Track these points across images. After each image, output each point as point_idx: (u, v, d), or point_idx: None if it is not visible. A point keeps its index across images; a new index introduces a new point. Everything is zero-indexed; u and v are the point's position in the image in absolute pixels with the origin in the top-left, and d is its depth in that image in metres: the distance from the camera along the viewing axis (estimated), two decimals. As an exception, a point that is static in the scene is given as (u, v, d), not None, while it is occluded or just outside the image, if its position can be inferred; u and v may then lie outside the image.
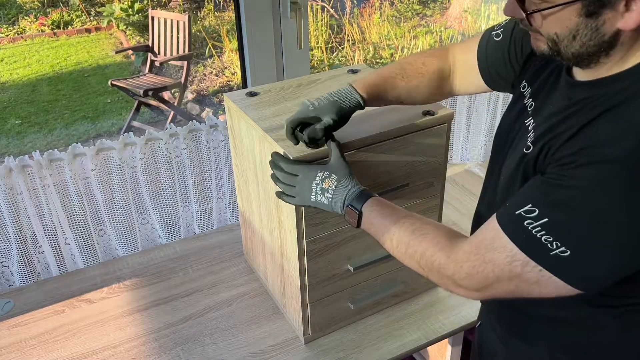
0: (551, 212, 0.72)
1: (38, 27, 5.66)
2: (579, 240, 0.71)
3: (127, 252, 1.69)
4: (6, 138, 4.28)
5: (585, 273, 0.72)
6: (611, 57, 0.73)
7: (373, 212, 0.93)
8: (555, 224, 0.72)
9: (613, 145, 0.68)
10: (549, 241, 0.72)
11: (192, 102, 4.77)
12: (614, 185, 0.68)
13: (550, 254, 0.72)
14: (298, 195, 1.00)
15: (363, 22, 5.07)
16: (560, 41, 0.73)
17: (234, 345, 1.32)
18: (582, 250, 0.71)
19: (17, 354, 1.32)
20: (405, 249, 0.89)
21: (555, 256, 0.72)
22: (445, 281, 0.85)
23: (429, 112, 1.18)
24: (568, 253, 0.71)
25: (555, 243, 0.71)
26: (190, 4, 5.83)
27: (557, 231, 0.71)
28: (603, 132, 0.71)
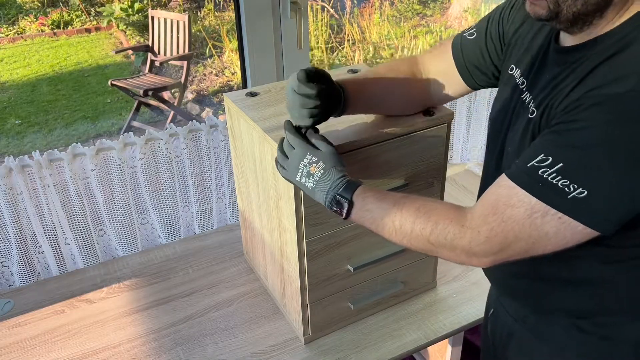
0: (565, 156, 0.74)
1: (38, 27, 5.66)
2: (594, 179, 0.73)
3: (127, 252, 1.69)
4: (6, 138, 4.28)
5: (603, 211, 0.74)
6: (603, 18, 0.77)
7: (368, 198, 0.92)
8: (570, 166, 0.74)
9: (617, 85, 0.72)
10: (566, 185, 0.74)
11: (192, 102, 4.77)
12: (623, 120, 0.71)
13: (568, 197, 0.74)
14: (288, 168, 0.99)
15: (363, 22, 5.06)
16: (563, 1, 0.77)
17: (234, 346, 1.32)
18: (599, 188, 0.73)
19: (17, 354, 1.32)
20: (412, 227, 0.88)
21: (573, 199, 0.73)
22: (458, 253, 0.85)
23: (429, 112, 1.18)
24: (585, 193, 0.73)
25: (572, 185, 0.73)
26: (190, 4, 5.82)
27: (573, 173, 0.73)
28: (605, 76, 0.75)
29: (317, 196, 0.96)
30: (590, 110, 0.73)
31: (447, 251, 0.86)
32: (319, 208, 1.13)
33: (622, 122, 0.71)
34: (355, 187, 0.94)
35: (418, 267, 1.38)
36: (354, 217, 0.94)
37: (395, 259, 1.32)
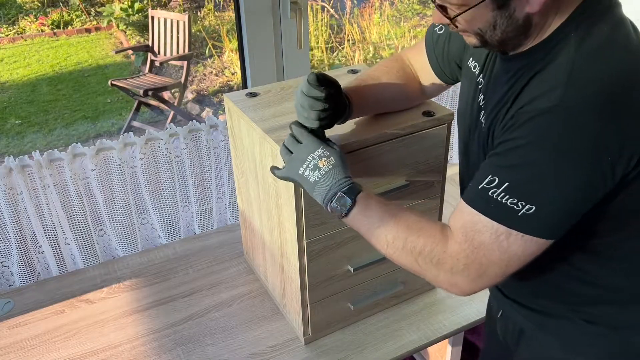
0: (508, 175, 0.78)
1: (38, 27, 5.66)
2: (538, 193, 0.77)
3: (127, 252, 1.69)
4: (6, 138, 4.28)
5: (553, 221, 0.79)
6: (530, 37, 0.82)
7: (370, 205, 0.93)
8: (514, 184, 0.78)
9: (545, 98, 0.76)
10: (514, 203, 0.77)
11: (192, 102, 4.77)
12: (553, 132, 0.75)
13: (519, 214, 0.77)
14: (289, 164, 0.99)
15: (363, 22, 5.06)
16: (484, 33, 0.82)
17: (234, 346, 1.32)
18: (544, 201, 0.77)
19: (17, 354, 1.32)
20: (403, 244, 0.89)
21: (524, 216, 0.77)
22: (442, 277, 0.86)
23: (429, 113, 1.18)
24: (533, 209, 0.77)
25: (520, 203, 0.77)
26: (190, 3, 5.82)
27: (518, 191, 0.77)
28: (535, 90, 0.79)
29: (318, 190, 0.95)
30: (524, 127, 0.78)
31: (431, 275, 0.88)
32: (320, 209, 1.13)
33: (552, 136, 0.75)
34: (359, 191, 0.94)
35: (418, 268, 1.38)
36: (351, 218, 0.94)
37: (396, 259, 1.32)
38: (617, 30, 0.78)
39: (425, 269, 0.87)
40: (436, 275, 0.87)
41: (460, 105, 1.04)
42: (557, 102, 0.75)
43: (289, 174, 0.99)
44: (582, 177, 0.75)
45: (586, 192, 0.77)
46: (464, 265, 0.83)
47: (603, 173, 0.75)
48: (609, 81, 0.74)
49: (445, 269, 0.85)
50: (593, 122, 0.73)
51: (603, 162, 0.74)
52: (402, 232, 0.89)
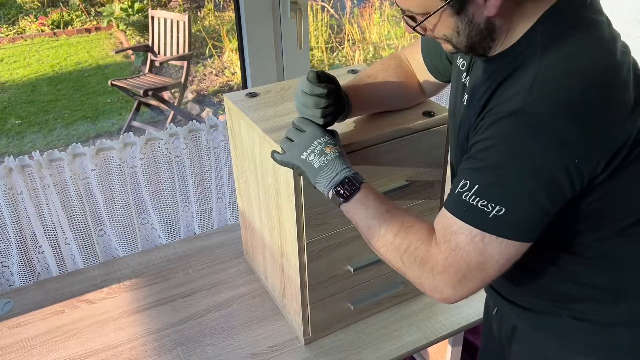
0: (478, 178, 0.79)
1: (38, 27, 5.66)
2: (506, 195, 0.77)
3: (127, 252, 1.69)
4: (6, 138, 4.28)
5: (523, 223, 0.79)
6: (497, 40, 0.83)
7: (370, 195, 0.93)
8: (483, 186, 0.78)
9: (510, 102, 0.78)
10: (484, 205, 0.78)
11: (192, 102, 4.77)
12: (515, 134, 0.76)
13: (489, 217, 0.78)
14: (289, 150, 0.99)
15: (363, 22, 5.06)
16: (450, 39, 0.84)
17: (234, 346, 1.32)
18: (512, 202, 0.77)
19: (17, 354, 1.32)
20: (392, 239, 0.89)
21: (494, 217, 0.78)
22: (424, 279, 0.86)
23: (429, 113, 1.18)
24: (503, 210, 0.77)
25: (490, 205, 0.78)
26: (190, 3, 5.82)
27: (487, 193, 0.78)
28: (502, 95, 0.81)
29: (323, 175, 0.95)
30: (490, 129, 0.79)
31: (414, 275, 0.88)
32: (320, 209, 1.13)
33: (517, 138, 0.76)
34: (363, 180, 0.95)
35: (418, 268, 1.38)
36: (351, 204, 0.93)
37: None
38: (587, 32, 0.78)
39: (409, 268, 0.88)
40: (419, 275, 0.87)
41: (450, 103, 1.05)
42: (520, 105, 0.76)
43: (290, 159, 0.99)
44: (545, 179, 0.75)
45: (552, 193, 0.77)
46: (443, 267, 0.83)
47: (569, 174, 0.75)
48: (573, 86, 0.75)
49: (427, 269, 0.85)
50: (554, 125, 0.74)
51: (568, 164, 0.74)
52: (394, 227, 0.89)
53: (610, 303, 0.92)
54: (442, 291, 0.85)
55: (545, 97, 0.75)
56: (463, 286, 0.83)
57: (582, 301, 0.93)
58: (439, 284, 0.85)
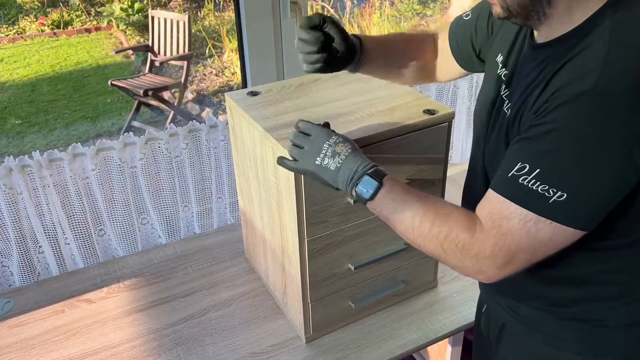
0: (539, 161, 0.77)
1: (38, 27, 5.66)
2: (570, 181, 0.75)
3: (127, 252, 1.69)
4: (6, 138, 4.28)
5: (584, 210, 0.77)
6: (553, 14, 0.79)
7: (395, 186, 0.91)
8: (546, 171, 0.76)
9: (579, 83, 0.74)
10: (545, 190, 0.76)
11: (192, 102, 4.76)
12: (584, 118, 0.73)
13: (549, 202, 0.76)
14: (302, 158, 0.96)
15: (363, 22, 5.06)
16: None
17: (234, 345, 1.32)
18: (576, 188, 0.75)
19: (17, 354, 1.32)
20: (430, 228, 0.87)
21: (555, 203, 0.75)
22: (467, 263, 0.85)
23: (429, 111, 1.18)
24: (565, 196, 0.75)
25: (552, 190, 0.75)
26: (190, 3, 5.82)
27: (550, 177, 0.76)
28: (567, 76, 0.77)
29: (342, 176, 0.93)
30: (556, 111, 0.76)
31: (456, 260, 0.86)
32: (321, 207, 1.13)
33: (586, 121, 0.73)
34: (385, 173, 0.93)
35: (419, 266, 1.38)
36: (377, 201, 0.91)
37: (397, 258, 1.32)
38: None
39: (450, 254, 0.86)
40: (461, 260, 0.85)
41: (480, 100, 1.03)
42: (590, 87, 0.73)
43: (305, 167, 0.97)
44: (613, 165, 0.73)
45: (618, 181, 0.75)
46: (491, 252, 0.82)
47: (635, 163, 0.73)
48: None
49: (471, 255, 0.83)
50: (626, 109, 0.71)
51: (635, 152, 0.72)
52: (429, 216, 0.87)
53: (608, 304, 0.91)
54: (487, 272, 0.84)
55: (616, 80, 0.72)
56: (509, 267, 0.82)
57: (578, 301, 0.92)
58: (483, 267, 0.84)
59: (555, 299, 0.94)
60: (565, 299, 0.93)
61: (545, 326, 0.97)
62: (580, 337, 0.94)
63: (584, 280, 0.90)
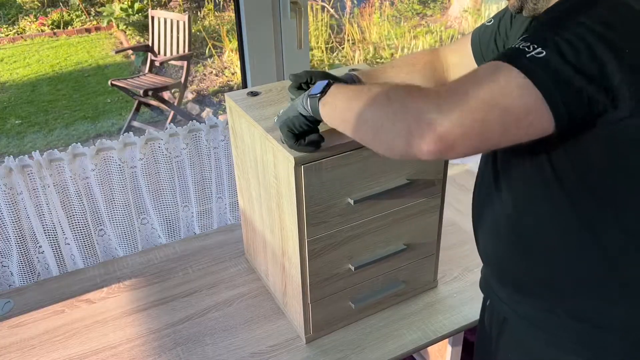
0: (532, 30, 0.78)
1: (38, 27, 5.66)
2: (553, 41, 0.72)
3: (127, 252, 1.69)
4: (6, 138, 4.28)
5: (558, 80, 0.70)
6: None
7: (344, 87, 0.92)
8: (532, 31, 0.77)
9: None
10: (526, 46, 0.73)
11: (192, 102, 4.76)
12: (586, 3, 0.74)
13: (527, 56, 0.72)
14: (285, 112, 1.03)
15: (363, 22, 5.06)
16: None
17: (234, 346, 1.32)
18: (555, 50, 0.71)
19: (17, 354, 1.32)
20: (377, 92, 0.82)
21: (532, 58, 0.71)
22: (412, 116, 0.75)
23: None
24: (544, 54, 0.71)
25: (532, 46, 0.72)
26: (190, 3, 5.82)
27: (534, 36, 0.74)
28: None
29: (297, 102, 0.98)
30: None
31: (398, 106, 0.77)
32: (321, 207, 1.13)
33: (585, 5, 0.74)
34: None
35: (419, 266, 1.38)
36: (327, 97, 0.93)
37: (397, 258, 1.32)
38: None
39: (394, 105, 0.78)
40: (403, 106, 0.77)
41: None
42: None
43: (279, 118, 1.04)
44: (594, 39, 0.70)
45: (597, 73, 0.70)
46: (436, 93, 0.75)
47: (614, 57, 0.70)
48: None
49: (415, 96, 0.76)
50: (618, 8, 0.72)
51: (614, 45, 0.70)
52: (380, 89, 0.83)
53: (611, 303, 0.90)
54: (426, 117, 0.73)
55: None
56: (454, 114, 0.72)
57: (582, 297, 0.91)
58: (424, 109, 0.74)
59: (555, 298, 0.94)
60: (564, 299, 0.93)
61: (543, 324, 0.97)
62: (578, 338, 0.93)
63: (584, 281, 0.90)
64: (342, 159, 1.10)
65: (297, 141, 1.03)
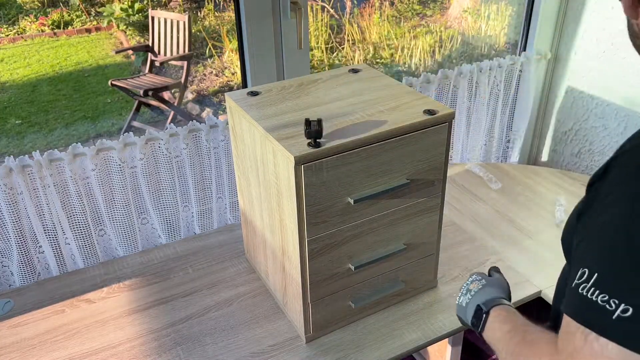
0: (594, 260, 0.60)
1: (38, 27, 5.66)
2: (631, 287, 0.57)
3: (127, 252, 1.69)
4: (6, 138, 4.28)
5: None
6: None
7: (499, 316, 0.90)
8: (602, 273, 0.59)
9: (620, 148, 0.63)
10: (606, 301, 0.58)
11: (192, 102, 4.76)
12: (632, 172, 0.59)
13: (613, 318, 0.58)
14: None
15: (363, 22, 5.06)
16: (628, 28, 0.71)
17: (234, 345, 1.32)
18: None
19: (17, 354, 1.32)
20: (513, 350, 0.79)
21: (619, 320, 0.57)
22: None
23: (430, 111, 1.18)
24: (630, 311, 0.56)
25: (613, 302, 0.57)
26: (190, 4, 5.82)
27: (607, 282, 0.58)
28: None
29: (469, 311, 0.98)
30: (612, 173, 0.59)
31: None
32: (321, 207, 1.13)
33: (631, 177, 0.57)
34: (497, 304, 0.92)
35: (419, 266, 1.38)
36: (485, 333, 0.92)
37: (397, 258, 1.32)
38: None
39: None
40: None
41: None
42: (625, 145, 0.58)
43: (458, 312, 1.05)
44: None
45: None
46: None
47: None
48: None
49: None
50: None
51: None
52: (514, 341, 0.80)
53: None
54: None
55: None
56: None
57: None
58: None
59: None
60: None
61: None
62: None
63: None
64: (342, 159, 1.10)
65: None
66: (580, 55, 2.04)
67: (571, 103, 2.12)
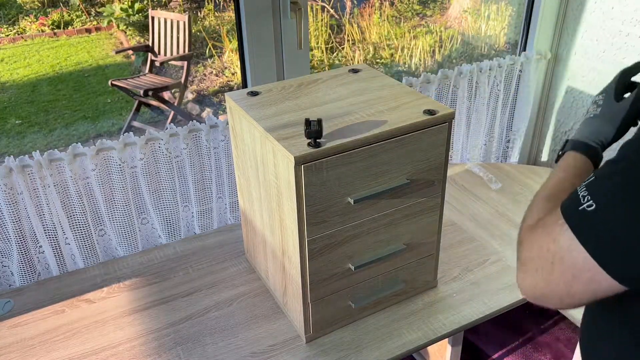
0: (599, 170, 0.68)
1: (38, 27, 5.66)
2: (605, 193, 0.64)
3: (127, 252, 1.69)
4: (6, 138, 4.28)
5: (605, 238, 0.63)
6: None
7: (562, 163, 0.91)
8: (596, 178, 0.67)
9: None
10: (584, 195, 0.66)
11: (192, 102, 4.77)
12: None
13: (578, 208, 0.65)
14: None
15: (363, 22, 5.06)
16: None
17: (234, 345, 1.32)
18: (606, 204, 0.63)
19: (17, 354, 1.32)
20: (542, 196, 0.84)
21: (583, 212, 0.65)
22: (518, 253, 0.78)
23: (429, 112, 1.18)
24: (593, 207, 0.64)
25: (586, 197, 0.65)
26: (190, 4, 5.82)
27: (591, 184, 0.66)
28: None
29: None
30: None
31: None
32: (321, 207, 1.13)
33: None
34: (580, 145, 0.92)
35: (419, 266, 1.38)
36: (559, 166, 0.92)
37: (397, 258, 1.32)
38: None
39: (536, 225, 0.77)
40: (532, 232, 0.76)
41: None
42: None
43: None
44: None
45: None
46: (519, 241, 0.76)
47: None
48: None
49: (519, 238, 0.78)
50: None
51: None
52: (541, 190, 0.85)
53: None
54: (517, 276, 0.76)
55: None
56: (526, 274, 0.72)
57: None
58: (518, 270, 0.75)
59: None
60: None
61: None
62: None
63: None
64: (342, 159, 1.10)
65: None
66: (580, 55, 2.04)
67: (571, 103, 2.13)
